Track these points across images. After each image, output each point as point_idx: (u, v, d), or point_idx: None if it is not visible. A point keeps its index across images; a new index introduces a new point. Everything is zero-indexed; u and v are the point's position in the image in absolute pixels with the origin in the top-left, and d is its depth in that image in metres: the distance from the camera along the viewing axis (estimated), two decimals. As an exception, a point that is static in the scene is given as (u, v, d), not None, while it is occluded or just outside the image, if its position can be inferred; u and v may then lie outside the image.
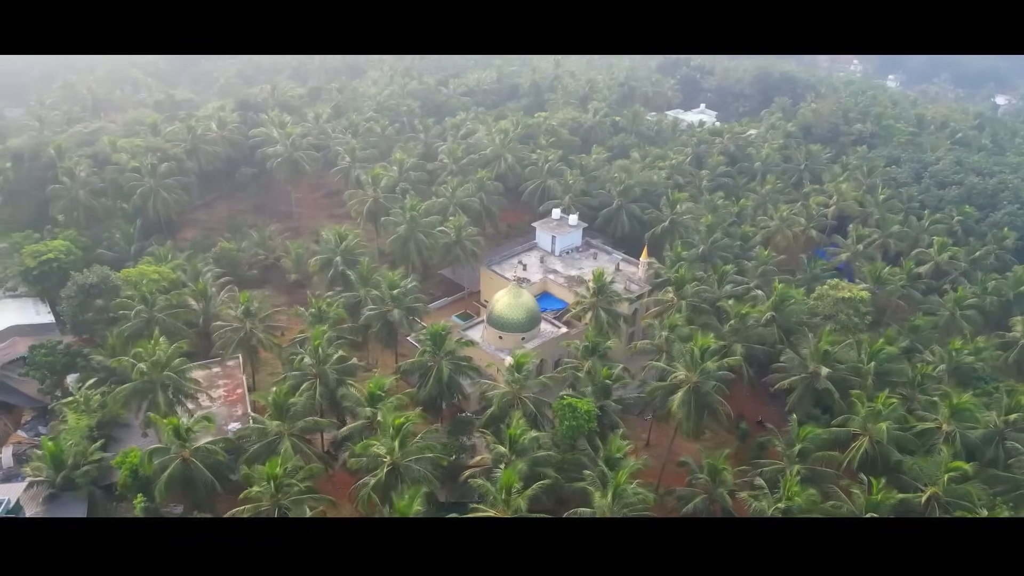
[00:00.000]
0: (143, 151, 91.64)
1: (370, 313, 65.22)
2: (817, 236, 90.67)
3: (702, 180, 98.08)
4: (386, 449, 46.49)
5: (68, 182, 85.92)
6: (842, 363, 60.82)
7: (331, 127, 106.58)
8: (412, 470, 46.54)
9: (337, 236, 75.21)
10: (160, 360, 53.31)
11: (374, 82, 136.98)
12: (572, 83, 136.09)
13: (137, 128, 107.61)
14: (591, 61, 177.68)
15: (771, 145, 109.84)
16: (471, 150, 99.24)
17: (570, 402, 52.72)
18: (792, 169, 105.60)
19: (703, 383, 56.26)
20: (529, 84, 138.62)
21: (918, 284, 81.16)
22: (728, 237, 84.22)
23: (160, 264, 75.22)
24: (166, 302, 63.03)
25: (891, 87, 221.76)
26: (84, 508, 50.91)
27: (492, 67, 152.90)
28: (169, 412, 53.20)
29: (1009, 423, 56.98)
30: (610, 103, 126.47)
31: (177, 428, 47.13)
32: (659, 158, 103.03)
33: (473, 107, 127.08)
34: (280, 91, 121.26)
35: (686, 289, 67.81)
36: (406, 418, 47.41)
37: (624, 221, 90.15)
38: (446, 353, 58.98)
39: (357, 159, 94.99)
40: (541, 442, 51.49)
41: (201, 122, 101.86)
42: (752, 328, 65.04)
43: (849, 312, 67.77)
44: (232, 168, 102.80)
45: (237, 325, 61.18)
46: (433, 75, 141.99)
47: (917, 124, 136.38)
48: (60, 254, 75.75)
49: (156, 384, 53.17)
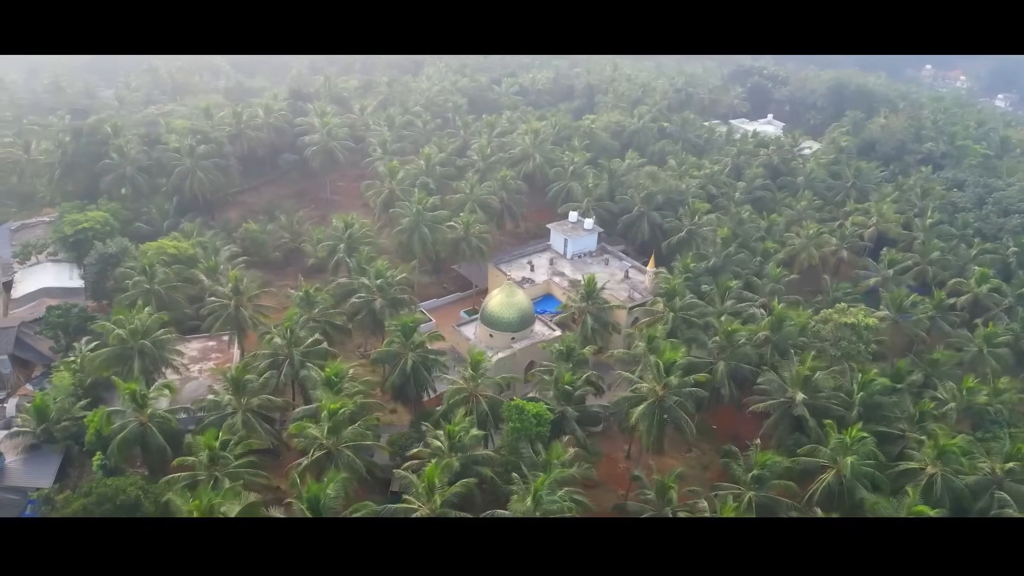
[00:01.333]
0: (188, 133, 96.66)
1: (356, 301, 66.62)
2: (849, 257, 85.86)
3: (736, 192, 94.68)
4: (321, 433, 47.53)
5: (117, 158, 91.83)
6: (822, 391, 57.52)
7: (372, 119, 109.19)
8: (344, 455, 47.35)
9: (344, 224, 77.12)
10: (138, 328, 56.27)
11: (428, 78, 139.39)
12: (627, 86, 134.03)
13: (196, 112, 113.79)
14: (660, 65, 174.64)
15: (818, 160, 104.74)
16: (502, 148, 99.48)
17: (518, 404, 52.24)
18: (838, 186, 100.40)
19: (667, 397, 54.59)
20: (583, 86, 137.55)
21: (950, 316, 75.63)
22: (748, 252, 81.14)
23: (186, 240, 79.47)
24: (165, 275, 66.28)
25: (997, 107, 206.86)
26: (59, 460, 54.53)
27: (551, 67, 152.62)
28: (146, 379, 56.19)
29: (1007, 472, 52.48)
30: (661, 108, 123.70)
31: (134, 393, 49.70)
32: (695, 167, 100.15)
33: (523, 107, 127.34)
34: (333, 83, 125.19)
35: (676, 302, 65.81)
36: (342, 404, 48.23)
37: (645, 228, 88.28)
38: (416, 345, 59.61)
39: (389, 151, 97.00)
40: (496, 441, 51.20)
41: (247, 109, 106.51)
42: (741, 347, 62.47)
43: (852, 339, 63.97)
44: (276, 154, 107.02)
45: (225, 301, 63.73)
46: (488, 73, 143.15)
47: (1000, 146, 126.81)
48: (96, 224, 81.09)
49: (134, 350, 56.20)
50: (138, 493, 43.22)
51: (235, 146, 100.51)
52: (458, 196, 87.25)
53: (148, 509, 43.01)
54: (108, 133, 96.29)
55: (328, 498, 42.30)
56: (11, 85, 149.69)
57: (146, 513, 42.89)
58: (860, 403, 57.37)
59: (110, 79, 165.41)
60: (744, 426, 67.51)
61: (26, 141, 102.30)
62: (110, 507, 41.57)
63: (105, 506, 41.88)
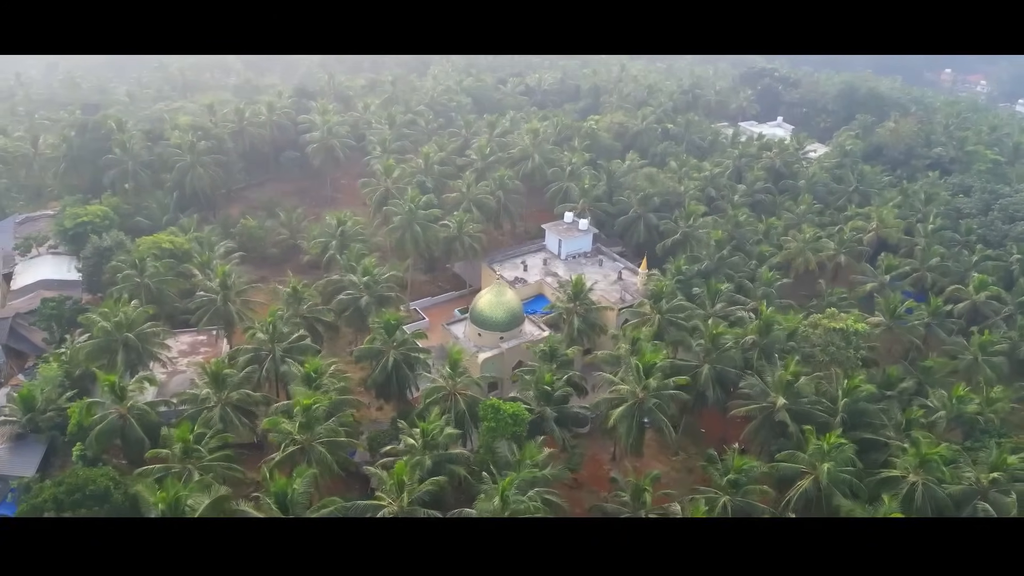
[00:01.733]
0: (190, 129, 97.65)
1: (344, 298, 66.91)
2: (847, 262, 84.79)
3: (735, 195, 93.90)
4: (293, 428, 47.81)
5: (120, 153, 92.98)
6: (804, 396, 56.89)
7: (375, 118, 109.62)
8: (316, 451, 47.58)
9: (337, 221, 77.51)
10: (123, 321, 56.90)
11: (433, 77, 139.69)
12: (632, 87, 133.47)
13: (202, 108, 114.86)
14: (671, 66, 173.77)
15: (821, 164, 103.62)
16: (503, 148, 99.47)
17: (494, 403, 52.21)
18: (840, 191, 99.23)
19: (647, 400, 54.29)
20: (589, 86, 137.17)
21: (947, 323, 74.46)
22: (743, 255, 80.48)
23: (183, 235, 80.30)
24: (155, 269, 66.97)
25: (1017, 112, 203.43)
26: (43, 449, 55.30)
27: (558, 68, 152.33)
28: (130, 371, 56.84)
29: (991, 482, 51.59)
30: (666, 110, 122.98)
31: (113, 385, 50.27)
32: (696, 169, 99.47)
33: (528, 107, 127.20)
34: (338, 81, 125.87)
35: (662, 304, 65.43)
36: (315, 400, 48.46)
37: (641, 230, 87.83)
38: (400, 343, 59.77)
39: (388, 150, 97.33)
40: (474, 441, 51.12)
41: (251, 106, 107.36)
42: (727, 350, 61.98)
43: (841, 344, 63.21)
44: (278, 151, 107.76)
45: (213, 296, 64.28)
46: (495, 73, 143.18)
47: (1013, 152, 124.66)
48: (96, 217, 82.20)
49: (119, 343, 56.84)
50: (108, 484, 43.72)
51: (237, 143, 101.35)
52: (454, 195, 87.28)
53: (117, 500, 43.50)
54: (112, 128, 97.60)
55: (296, 493, 42.52)
56: (28, 80, 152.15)
57: (115, 503, 43.37)
58: (844, 409, 56.71)
59: (125, 75, 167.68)
60: (733, 430, 67.00)
61: (34, 136, 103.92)
62: (79, 496, 42.12)
63: (75, 495, 42.43)
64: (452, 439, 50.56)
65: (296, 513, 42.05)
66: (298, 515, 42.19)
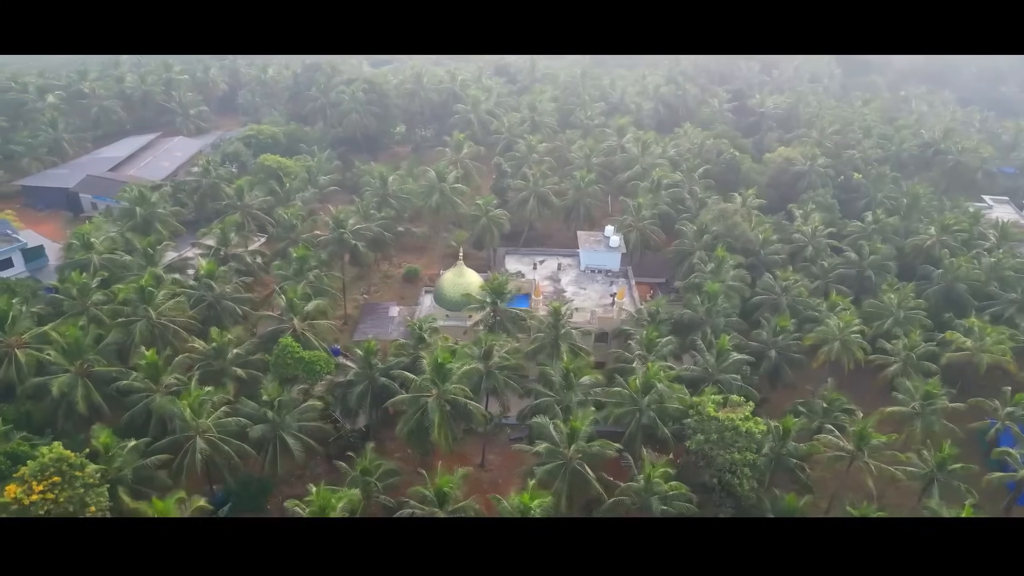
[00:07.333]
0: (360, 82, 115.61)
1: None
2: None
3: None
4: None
5: (315, 92, 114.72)
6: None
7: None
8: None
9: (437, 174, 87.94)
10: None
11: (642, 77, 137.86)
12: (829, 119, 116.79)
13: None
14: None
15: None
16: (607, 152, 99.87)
17: (288, 342, 57.41)
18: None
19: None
20: (807, 116, 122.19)
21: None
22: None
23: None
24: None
25: None
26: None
27: (787, 91, 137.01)
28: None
29: None
30: (863, 156, 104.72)
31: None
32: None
33: (717, 124, 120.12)
34: (537, 66, 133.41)
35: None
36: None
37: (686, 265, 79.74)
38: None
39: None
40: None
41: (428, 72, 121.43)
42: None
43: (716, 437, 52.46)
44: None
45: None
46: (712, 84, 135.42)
47: None
48: (268, 138, 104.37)
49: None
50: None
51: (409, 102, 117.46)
52: (519, 183, 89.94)
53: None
54: (329, 73, 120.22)
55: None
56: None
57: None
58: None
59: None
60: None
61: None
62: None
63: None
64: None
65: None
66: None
